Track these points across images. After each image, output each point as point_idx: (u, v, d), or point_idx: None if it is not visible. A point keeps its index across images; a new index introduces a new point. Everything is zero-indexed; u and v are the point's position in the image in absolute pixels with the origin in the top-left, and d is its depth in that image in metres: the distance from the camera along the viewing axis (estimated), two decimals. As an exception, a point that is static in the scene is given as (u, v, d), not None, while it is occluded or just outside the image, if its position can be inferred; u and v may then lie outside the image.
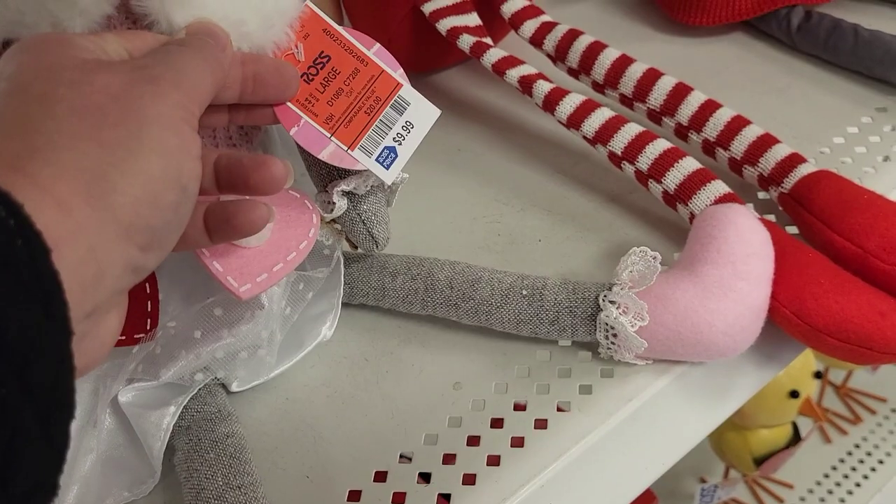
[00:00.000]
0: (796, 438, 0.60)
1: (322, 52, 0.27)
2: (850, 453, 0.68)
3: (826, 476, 0.67)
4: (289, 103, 0.26)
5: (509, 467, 0.26)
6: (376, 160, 0.27)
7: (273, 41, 0.26)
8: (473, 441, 0.28)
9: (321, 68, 0.27)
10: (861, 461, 0.67)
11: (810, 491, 0.66)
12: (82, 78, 0.19)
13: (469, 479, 0.26)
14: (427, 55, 0.44)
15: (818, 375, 0.56)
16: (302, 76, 0.26)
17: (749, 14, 0.44)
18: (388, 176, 0.27)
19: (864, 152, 0.36)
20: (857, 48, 0.40)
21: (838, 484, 0.66)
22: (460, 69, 0.47)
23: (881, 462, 0.67)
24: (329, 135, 0.27)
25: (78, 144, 0.18)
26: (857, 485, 0.66)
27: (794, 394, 0.55)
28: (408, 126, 0.28)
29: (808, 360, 0.56)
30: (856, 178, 0.33)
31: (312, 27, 0.27)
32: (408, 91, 0.28)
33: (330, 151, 0.27)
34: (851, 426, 0.70)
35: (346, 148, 0.27)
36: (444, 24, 0.39)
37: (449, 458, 0.27)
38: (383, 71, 0.28)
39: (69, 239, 0.17)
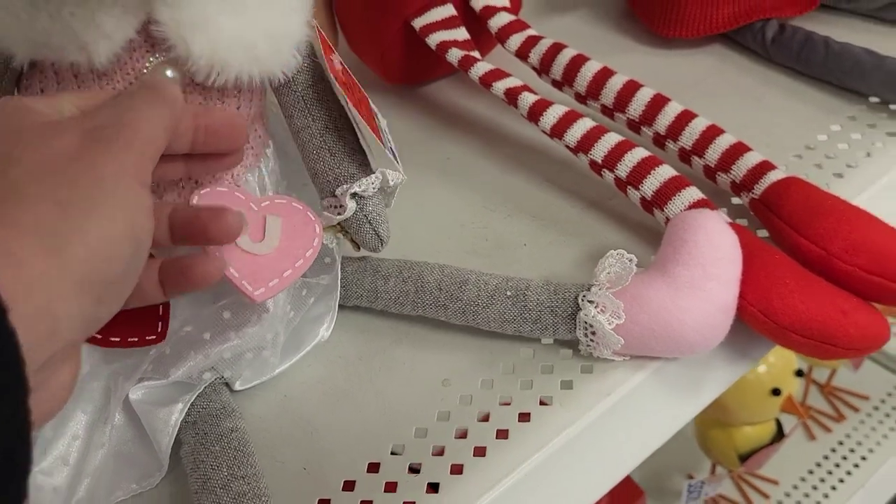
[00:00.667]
0: (780, 435, 0.62)
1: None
2: (833, 450, 0.70)
3: (810, 472, 0.69)
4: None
5: (495, 458, 0.28)
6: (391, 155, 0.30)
7: (281, 64, 0.28)
8: (461, 434, 0.29)
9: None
10: (844, 458, 0.69)
11: (795, 487, 0.68)
12: (40, 141, 0.21)
13: (457, 469, 0.28)
14: (418, 68, 0.46)
15: (800, 374, 0.58)
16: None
17: (726, 27, 0.46)
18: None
19: (833, 159, 0.38)
20: (828, 60, 0.42)
21: (822, 480, 0.68)
22: (449, 81, 0.49)
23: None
24: None
25: (35, 205, 0.19)
26: (841, 480, 0.68)
27: (775, 391, 0.56)
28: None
29: (789, 358, 0.58)
30: (824, 184, 0.35)
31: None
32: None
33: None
34: (835, 423, 0.72)
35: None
36: (434, 39, 0.41)
37: (438, 451, 0.29)
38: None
39: (25, 294, 0.18)
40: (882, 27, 0.46)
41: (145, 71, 0.26)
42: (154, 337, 0.28)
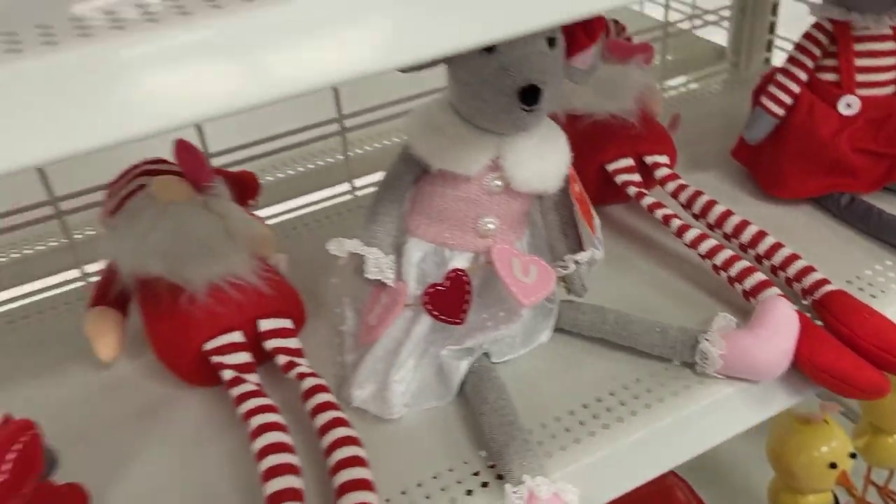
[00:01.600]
0: (836, 505, 0.79)
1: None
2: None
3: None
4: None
5: (633, 426, 0.50)
6: (598, 242, 0.53)
7: (553, 185, 0.52)
8: (611, 406, 0.51)
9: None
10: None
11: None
12: None
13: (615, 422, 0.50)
14: (608, 195, 0.70)
15: (853, 455, 0.76)
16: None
17: (813, 194, 0.68)
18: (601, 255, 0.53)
19: (871, 286, 0.59)
20: (880, 224, 0.64)
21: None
22: (625, 207, 0.73)
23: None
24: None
25: None
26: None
27: (833, 465, 0.74)
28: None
29: (846, 441, 0.76)
30: (861, 299, 0.56)
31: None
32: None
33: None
34: (890, 519, 0.87)
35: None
36: (620, 179, 0.65)
37: (594, 415, 0.51)
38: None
39: None
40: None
41: (487, 182, 0.50)
42: (459, 321, 0.52)
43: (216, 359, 0.51)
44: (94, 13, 0.23)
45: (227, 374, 0.50)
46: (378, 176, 0.54)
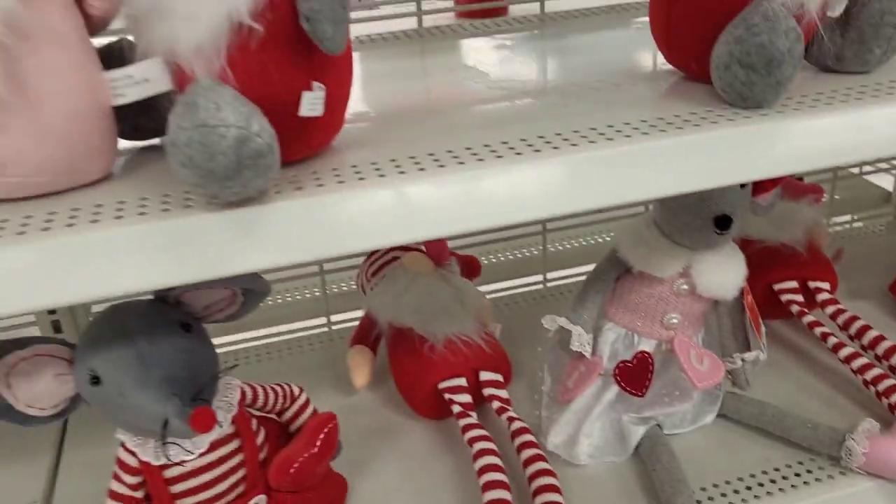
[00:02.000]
0: None
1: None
2: None
3: None
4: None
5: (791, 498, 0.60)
6: (762, 346, 0.65)
7: (731, 294, 0.65)
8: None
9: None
10: None
11: None
12: None
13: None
14: (773, 310, 0.80)
15: None
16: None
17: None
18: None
19: None
20: None
21: None
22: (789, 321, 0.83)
23: None
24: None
25: None
26: None
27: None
28: None
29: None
30: None
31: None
32: None
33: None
34: None
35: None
36: (784, 297, 0.77)
37: (756, 483, 0.61)
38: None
39: None
40: None
41: (676, 285, 0.64)
42: (641, 394, 0.64)
43: (448, 395, 0.66)
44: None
45: (456, 409, 0.65)
46: (566, 272, 0.69)
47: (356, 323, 0.78)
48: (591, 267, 0.69)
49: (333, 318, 0.89)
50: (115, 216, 0.37)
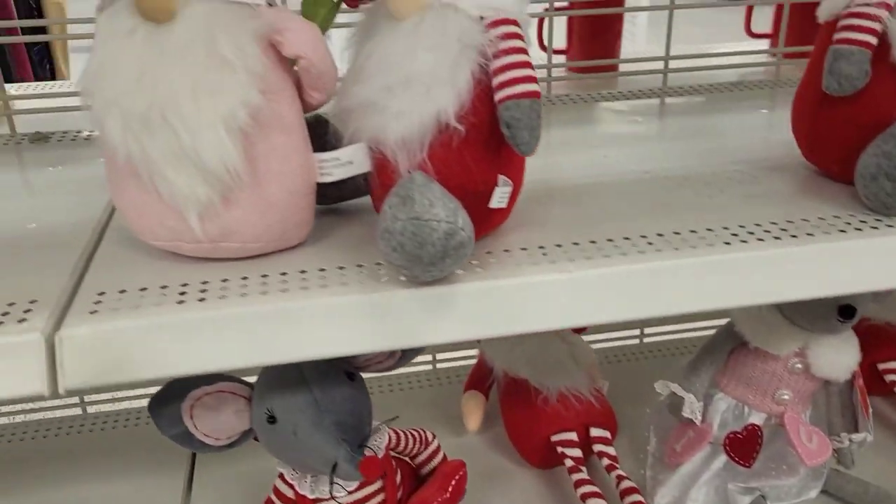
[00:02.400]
0: None
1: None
2: None
3: None
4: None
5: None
6: (869, 428, 0.66)
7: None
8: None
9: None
10: None
11: None
12: None
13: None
14: (875, 388, 0.82)
15: None
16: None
17: None
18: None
19: None
20: None
21: None
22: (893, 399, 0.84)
23: None
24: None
25: None
26: None
27: None
28: None
29: None
30: None
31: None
32: None
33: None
34: None
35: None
36: (889, 377, 0.78)
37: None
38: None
39: None
40: None
41: (791, 364, 0.66)
42: (748, 465, 0.67)
43: (560, 449, 0.70)
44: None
45: (569, 463, 0.69)
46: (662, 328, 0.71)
47: (460, 362, 0.82)
48: (686, 325, 0.72)
49: (438, 356, 0.93)
50: (320, 284, 0.42)
